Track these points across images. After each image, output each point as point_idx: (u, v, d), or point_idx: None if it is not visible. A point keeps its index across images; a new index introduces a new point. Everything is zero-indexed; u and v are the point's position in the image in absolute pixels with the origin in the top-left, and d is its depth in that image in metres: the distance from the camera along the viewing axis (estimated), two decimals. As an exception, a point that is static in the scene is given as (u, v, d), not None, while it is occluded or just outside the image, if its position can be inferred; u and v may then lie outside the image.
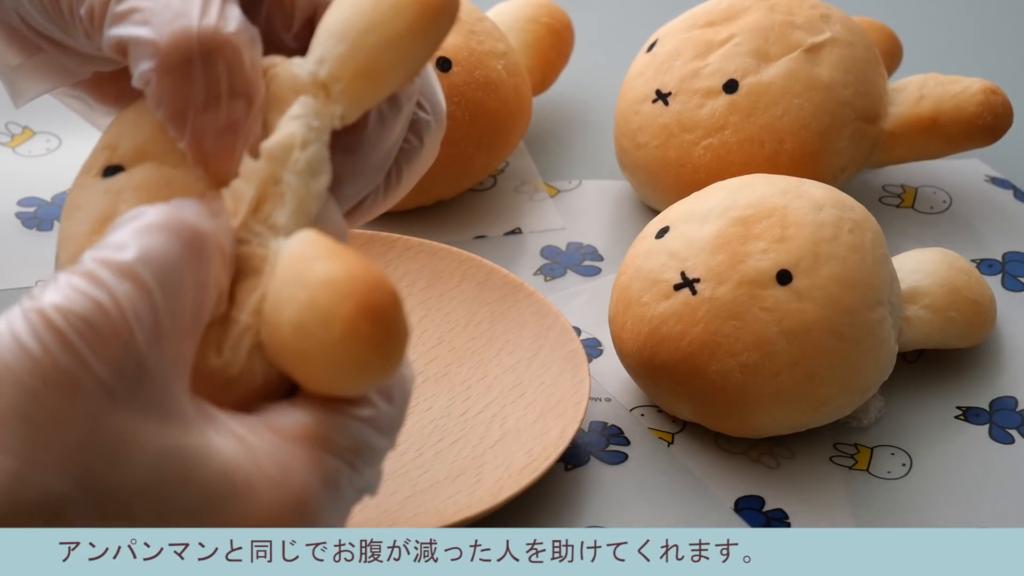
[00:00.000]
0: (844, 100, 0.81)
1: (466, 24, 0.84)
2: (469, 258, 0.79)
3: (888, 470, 0.72)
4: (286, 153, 0.50)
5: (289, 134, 0.50)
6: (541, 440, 0.71)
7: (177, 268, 0.45)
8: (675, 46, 0.83)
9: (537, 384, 0.74)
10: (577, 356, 0.73)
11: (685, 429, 0.74)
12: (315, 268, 0.47)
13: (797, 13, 0.82)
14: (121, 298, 0.44)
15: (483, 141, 0.83)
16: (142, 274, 0.44)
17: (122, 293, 0.44)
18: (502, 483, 0.69)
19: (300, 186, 0.50)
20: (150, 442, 0.44)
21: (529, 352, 0.75)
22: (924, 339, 0.75)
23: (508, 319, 0.77)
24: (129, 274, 0.44)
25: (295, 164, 0.50)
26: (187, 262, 0.46)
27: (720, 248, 0.71)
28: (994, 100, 0.83)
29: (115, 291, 0.44)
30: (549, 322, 0.75)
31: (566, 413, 0.71)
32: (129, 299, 0.44)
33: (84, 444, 0.44)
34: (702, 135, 0.81)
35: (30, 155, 0.89)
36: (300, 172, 0.50)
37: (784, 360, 0.70)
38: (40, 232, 0.83)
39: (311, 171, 0.50)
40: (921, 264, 0.76)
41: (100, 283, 0.44)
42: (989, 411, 0.75)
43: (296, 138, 0.50)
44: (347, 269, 0.46)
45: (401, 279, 0.79)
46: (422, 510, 0.68)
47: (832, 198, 0.73)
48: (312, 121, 0.50)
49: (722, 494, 0.71)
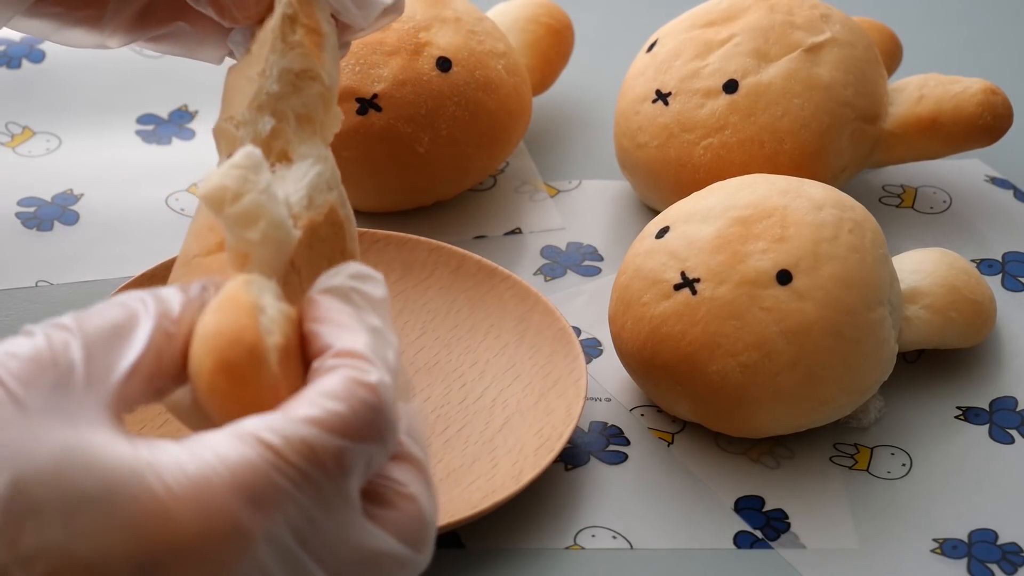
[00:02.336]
0: (844, 100, 0.81)
1: (466, 24, 0.84)
2: (438, 247, 0.79)
3: (888, 470, 0.72)
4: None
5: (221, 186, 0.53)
6: (549, 420, 0.72)
7: (107, 324, 0.51)
8: (675, 46, 0.83)
9: (531, 365, 0.74)
10: (566, 335, 0.74)
11: (685, 429, 0.74)
12: (202, 320, 0.51)
13: (797, 13, 0.82)
14: (53, 338, 0.50)
15: (483, 141, 0.83)
16: (71, 325, 0.50)
17: (54, 336, 0.50)
18: (520, 466, 0.70)
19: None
20: (54, 437, 0.48)
21: (516, 334, 0.76)
22: (924, 339, 0.75)
23: (488, 304, 0.77)
24: (58, 325, 0.50)
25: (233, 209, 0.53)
26: (119, 322, 0.51)
27: (720, 248, 0.71)
28: (994, 100, 0.83)
29: (48, 335, 0.50)
30: (530, 303, 0.76)
31: (567, 391, 0.72)
32: (59, 339, 0.50)
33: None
34: (702, 135, 0.81)
35: (30, 155, 0.89)
36: (235, 217, 0.53)
37: (784, 360, 0.70)
38: (40, 232, 0.83)
39: (245, 218, 0.53)
40: (921, 264, 0.76)
41: (30, 333, 0.50)
42: (989, 411, 0.75)
43: (228, 190, 0.52)
44: (216, 324, 0.50)
45: None
46: (448, 498, 0.69)
47: (832, 198, 0.73)
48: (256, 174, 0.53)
49: (722, 494, 0.71)
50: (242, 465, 0.48)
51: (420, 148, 0.82)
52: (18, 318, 0.78)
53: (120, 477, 0.47)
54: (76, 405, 0.49)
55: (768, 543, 0.69)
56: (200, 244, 0.57)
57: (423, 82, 0.82)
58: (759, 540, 0.69)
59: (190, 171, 0.88)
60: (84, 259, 0.82)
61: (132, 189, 0.86)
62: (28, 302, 0.79)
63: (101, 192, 0.86)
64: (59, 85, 0.92)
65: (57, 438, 0.48)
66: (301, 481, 0.48)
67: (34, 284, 0.81)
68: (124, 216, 0.84)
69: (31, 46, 0.94)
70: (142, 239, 0.83)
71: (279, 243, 0.53)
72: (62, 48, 0.94)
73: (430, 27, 0.83)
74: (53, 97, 0.92)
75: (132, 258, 0.81)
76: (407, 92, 0.81)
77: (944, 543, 0.69)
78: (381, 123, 0.81)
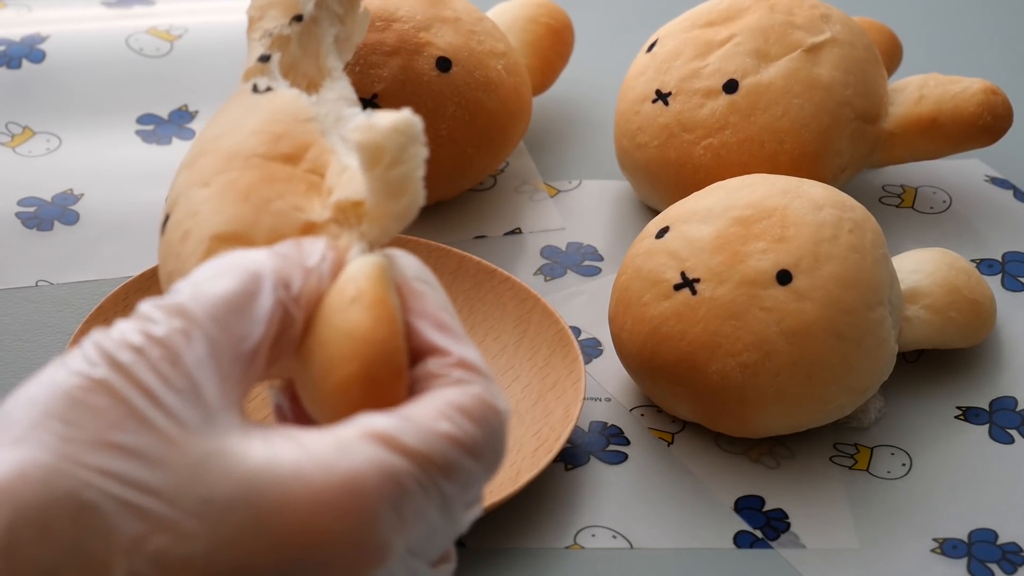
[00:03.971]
0: (844, 100, 0.81)
1: (466, 24, 0.84)
2: (438, 247, 0.79)
3: (888, 470, 0.72)
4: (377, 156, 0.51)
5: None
6: (547, 421, 0.72)
7: (225, 304, 0.49)
8: (675, 46, 0.83)
9: (529, 367, 0.74)
10: (564, 336, 0.74)
11: (685, 429, 0.74)
12: (348, 312, 0.49)
13: (797, 13, 0.82)
14: (169, 329, 0.48)
15: (483, 141, 0.83)
16: (192, 309, 0.48)
17: (170, 326, 0.48)
18: (518, 467, 0.70)
19: (382, 196, 0.51)
20: (190, 445, 0.46)
21: (515, 336, 0.76)
22: (924, 339, 0.75)
23: (486, 305, 0.77)
24: (178, 311, 0.48)
25: (382, 172, 0.51)
26: (238, 299, 0.49)
27: (720, 248, 0.71)
28: (994, 100, 0.83)
29: (165, 324, 0.48)
30: (529, 305, 0.76)
31: (566, 393, 0.72)
32: (175, 330, 0.48)
33: (122, 446, 0.45)
34: (702, 135, 0.81)
35: (30, 155, 0.89)
36: (385, 182, 0.51)
37: (784, 360, 0.70)
38: (40, 232, 0.83)
39: (395, 188, 0.51)
40: (921, 264, 0.76)
41: (150, 319, 0.48)
42: (989, 411, 0.75)
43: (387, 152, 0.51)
44: (371, 330, 0.49)
45: None
46: None
47: (832, 198, 0.73)
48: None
49: (722, 494, 0.71)
50: (390, 475, 0.47)
51: (420, 148, 0.82)
52: (18, 318, 0.78)
53: (261, 484, 0.46)
54: (204, 408, 0.47)
55: (768, 543, 0.69)
56: (267, 145, 0.56)
57: (423, 82, 0.82)
58: (759, 540, 0.69)
59: (190, 171, 0.88)
60: (84, 259, 0.82)
61: (132, 189, 0.86)
62: (28, 302, 0.79)
63: (101, 192, 0.86)
64: (59, 85, 0.92)
65: (193, 445, 0.46)
66: (437, 498, 0.48)
67: (34, 284, 0.81)
68: (124, 216, 0.84)
69: (31, 46, 0.94)
70: (142, 239, 0.83)
71: (407, 221, 0.52)
72: (62, 48, 0.94)
73: (430, 27, 0.83)
74: (53, 97, 0.92)
75: (132, 258, 0.81)
76: (407, 92, 0.81)
77: (944, 543, 0.69)
78: (381, 123, 0.81)
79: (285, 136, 0.57)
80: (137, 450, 0.45)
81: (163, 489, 0.45)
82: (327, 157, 0.56)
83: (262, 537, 0.45)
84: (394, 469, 0.47)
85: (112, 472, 0.45)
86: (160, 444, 0.46)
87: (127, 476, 0.45)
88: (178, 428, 0.46)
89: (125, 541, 0.45)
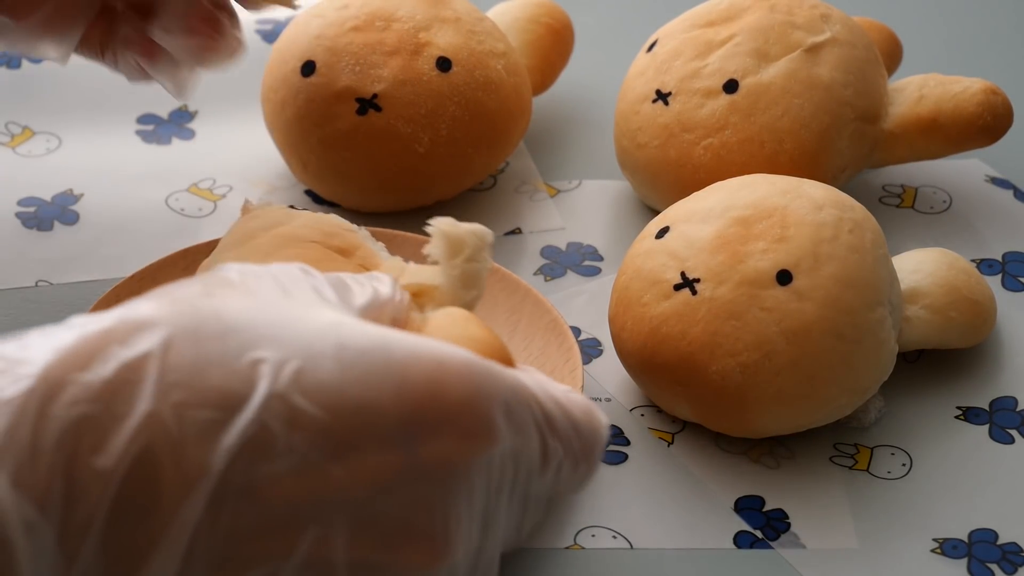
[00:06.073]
0: (844, 100, 0.81)
1: (466, 24, 0.84)
2: (425, 241, 0.79)
3: (888, 470, 0.72)
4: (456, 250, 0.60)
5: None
6: None
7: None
8: (675, 46, 0.83)
9: (524, 356, 0.74)
10: (558, 326, 0.74)
11: (685, 429, 0.74)
12: (471, 326, 0.56)
13: (797, 13, 0.82)
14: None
15: (483, 141, 0.83)
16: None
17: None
18: None
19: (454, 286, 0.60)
20: (333, 314, 0.51)
21: (508, 326, 0.75)
22: (924, 339, 0.75)
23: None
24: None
25: (453, 266, 0.60)
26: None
27: (720, 248, 0.71)
28: (994, 100, 0.83)
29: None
30: (520, 295, 0.76)
31: (563, 381, 0.71)
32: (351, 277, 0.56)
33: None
34: (702, 135, 0.81)
35: (30, 155, 0.89)
36: (462, 271, 0.59)
37: (784, 360, 0.70)
38: (40, 232, 0.83)
39: (469, 279, 0.60)
40: (921, 264, 0.76)
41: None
42: (989, 411, 0.75)
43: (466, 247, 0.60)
44: (491, 335, 0.55)
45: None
46: None
47: (832, 198, 0.73)
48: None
49: (722, 494, 0.71)
50: (511, 378, 0.51)
51: (420, 148, 0.82)
52: (18, 318, 0.78)
53: (393, 342, 0.49)
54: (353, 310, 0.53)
55: (768, 543, 0.69)
56: (322, 237, 0.64)
57: (423, 82, 0.82)
58: (759, 540, 0.69)
59: (190, 171, 0.88)
60: (84, 259, 0.82)
61: (132, 189, 0.86)
62: (28, 302, 0.79)
63: (101, 192, 0.86)
64: (59, 85, 0.92)
65: (335, 314, 0.51)
66: (536, 439, 0.52)
67: (34, 284, 0.81)
68: (124, 216, 0.84)
69: (31, 46, 0.94)
70: (142, 239, 0.83)
71: (469, 313, 0.58)
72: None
73: (430, 27, 0.83)
74: (53, 97, 0.92)
75: (132, 258, 0.81)
76: (407, 92, 0.82)
77: (944, 543, 0.69)
78: (381, 123, 0.81)
79: (335, 235, 0.64)
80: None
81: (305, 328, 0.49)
82: (375, 260, 0.64)
83: (390, 378, 0.48)
84: (515, 378, 0.51)
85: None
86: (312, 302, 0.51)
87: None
88: (330, 303, 0.52)
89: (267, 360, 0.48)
